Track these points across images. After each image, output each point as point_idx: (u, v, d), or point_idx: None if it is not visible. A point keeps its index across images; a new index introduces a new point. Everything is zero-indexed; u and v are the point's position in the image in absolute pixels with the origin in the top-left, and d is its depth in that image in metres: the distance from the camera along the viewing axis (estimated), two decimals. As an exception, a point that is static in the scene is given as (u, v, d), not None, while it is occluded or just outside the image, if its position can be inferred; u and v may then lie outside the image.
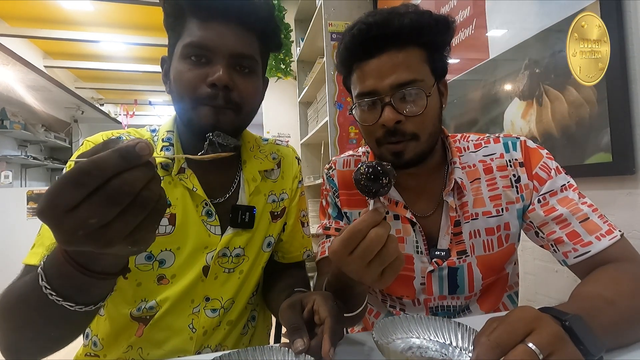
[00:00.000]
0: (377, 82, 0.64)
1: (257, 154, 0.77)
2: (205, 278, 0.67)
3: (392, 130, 0.64)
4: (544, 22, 1.01)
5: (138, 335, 0.65)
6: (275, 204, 0.77)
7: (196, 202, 0.66)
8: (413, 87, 0.63)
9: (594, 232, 0.62)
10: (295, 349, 0.47)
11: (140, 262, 0.63)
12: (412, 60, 0.63)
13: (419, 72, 0.64)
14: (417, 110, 0.63)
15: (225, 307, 0.69)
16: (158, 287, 0.65)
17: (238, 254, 0.70)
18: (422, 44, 0.64)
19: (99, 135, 0.67)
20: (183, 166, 0.66)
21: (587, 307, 0.47)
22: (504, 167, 0.71)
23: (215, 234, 0.67)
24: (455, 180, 0.69)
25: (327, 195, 0.84)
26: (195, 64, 0.61)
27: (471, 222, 0.70)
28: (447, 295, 0.73)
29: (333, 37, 2.07)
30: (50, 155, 6.74)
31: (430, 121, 0.66)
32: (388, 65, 0.63)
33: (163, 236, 0.64)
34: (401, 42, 0.63)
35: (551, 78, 1.01)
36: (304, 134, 2.91)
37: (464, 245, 0.70)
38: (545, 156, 0.69)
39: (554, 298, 1.05)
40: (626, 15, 0.83)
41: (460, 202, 0.70)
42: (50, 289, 0.41)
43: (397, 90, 0.63)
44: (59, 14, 3.45)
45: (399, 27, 0.62)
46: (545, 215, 0.66)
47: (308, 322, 0.52)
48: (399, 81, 0.62)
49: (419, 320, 0.54)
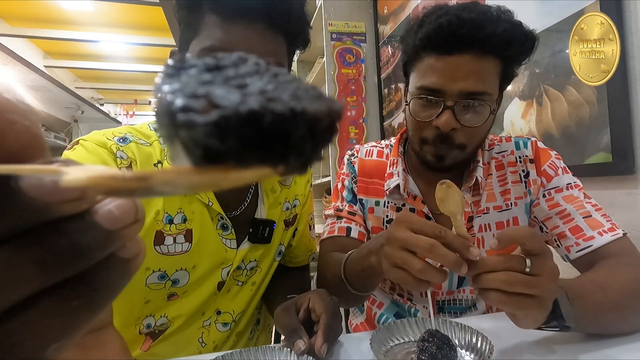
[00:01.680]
0: (447, 83, 0.60)
1: None
2: (218, 292, 0.64)
3: (444, 135, 0.62)
4: (544, 22, 1.01)
5: (144, 350, 0.62)
6: (289, 211, 0.74)
7: (211, 215, 0.62)
8: (481, 99, 0.60)
9: (597, 227, 0.63)
10: (297, 350, 0.47)
11: (153, 282, 0.58)
12: (489, 71, 0.61)
13: (490, 85, 0.61)
14: (475, 123, 0.62)
15: (236, 321, 0.67)
16: (167, 303, 0.61)
17: (252, 267, 0.68)
18: (504, 56, 0.61)
19: (94, 133, 0.58)
20: None
21: (576, 287, 0.49)
22: (514, 163, 0.73)
23: (232, 247, 0.64)
24: (476, 177, 0.69)
25: (344, 179, 0.83)
26: None
27: (483, 216, 0.71)
28: (454, 290, 0.74)
29: (333, 37, 2.07)
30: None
31: (483, 134, 0.66)
32: (464, 70, 0.59)
33: (180, 255, 0.58)
34: (485, 49, 0.59)
35: (551, 78, 1.01)
36: (304, 134, 2.91)
37: (474, 240, 0.71)
38: (554, 156, 0.72)
39: (554, 298, 1.05)
40: (626, 15, 0.83)
41: (474, 199, 0.72)
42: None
43: (464, 98, 0.60)
44: (59, 14, 3.44)
45: (491, 34, 0.57)
46: (549, 209, 0.67)
47: (305, 323, 0.52)
48: (469, 89, 0.60)
49: (418, 324, 0.54)
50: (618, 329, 0.52)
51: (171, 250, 0.58)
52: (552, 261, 0.42)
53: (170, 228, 0.57)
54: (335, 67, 2.05)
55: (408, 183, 0.76)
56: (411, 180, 0.77)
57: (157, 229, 0.56)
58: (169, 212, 0.57)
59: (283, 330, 0.51)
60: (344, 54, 2.08)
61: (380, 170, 0.80)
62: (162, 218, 0.56)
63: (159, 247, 0.57)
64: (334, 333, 0.52)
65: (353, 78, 2.08)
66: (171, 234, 0.57)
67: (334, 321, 0.52)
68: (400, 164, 0.76)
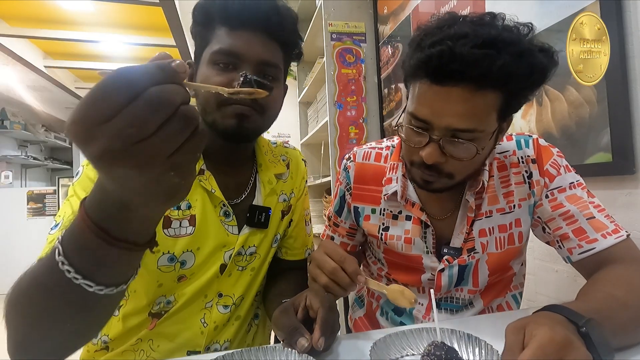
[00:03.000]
0: (435, 116, 0.57)
1: (271, 158, 0.79)
2: (220, 275, 0.69)
3: (430, 165, 0.61)
4: (544, 22, 1.01)
5: (150, 329, 0.66)
6: (285, 202, 0.80)
7: (214, 203, 0.68)
8: (468, 137, 0.57)
9: (600, 229, 0.62)
10: (300, 348, 0.48)
11: (163, 264, 0.64)
12: (482, 108, 0.56)
13: (482, 121, 0.57)
14: (462, 157, 0.59)
15: (236, 304, 0.71)
16: (178, 285, 0.67)
17: (252, 252, 0.73)
18: (504, 90, 0.56)
19: None
20: (202, 167, 0.67)
21: (601, 309, 0.47)
22: (517, 164, 0.71)
23: (233, 233, 0.70)
24: (482, 181, 0.68)
25: (339, 186, 0.84)
26: (223, 69, 0.63)
27: (484, 219, 0.70)
28: (452, 289, 0.74)
29: (333, 37, 2.07)
30: (50, 156, 6.75)
31: (473, 166, 0.63)
32: (453, 104, 0.55)
33: (184, 237, 0.65)
34: (480, 84, 0.54)
35: (551, 78, 1.01)
36: (304, 134, 2.91)
37: (474, 243, 0.70)
38: (556, 154, 0.70)
39: (553, 298, 1.05)
40: (626, 15, 0.83)
41: (477, 203, 0.70)
42: (68, 264, 0.35)
43: (450, 133, 0.57)
44: (59, 14, 3.44)
45: (486, 71, 0.52)
46: (552, 210, 0.66)
47: (304, 322, 0.53)
48: (456, 126, 0.56)
49: (417, 335, 0.52)
50: (636, 342, 0.50)
51: (177, 233, 0.65)
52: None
53: (178, 213, 0.65)
54: (335, 67, 2.05)
55: (407, 189, 0.75)
56: (410, 186, 0.75)
57: (166, 214, 0.63)
58: None
59: (284, 331, 0.52)
60: (344, 54, 2.08)
61: (378, 176, 0.78)
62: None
63: (166, 230, 0.64)
64: (332, 327, 0.52)
65: (353, 78, 2.08)
66: (178, 218, 0.65)
67: (330, 315, 0.53)
68: (400, 169, 0.75)
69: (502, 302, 0.77)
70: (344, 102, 2.06)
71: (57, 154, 6.85)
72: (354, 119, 2.08)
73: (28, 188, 4.70)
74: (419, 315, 0.76)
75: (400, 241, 0.74)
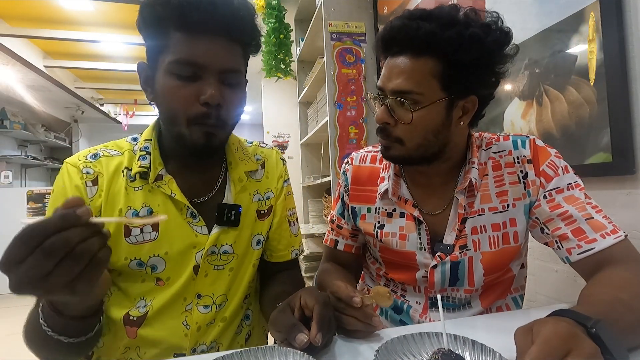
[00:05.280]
0: (385, 82, 0.68)
1: (242, 156, 0.78)
2: (196, 276, 0.68)
3: (381, 128, 0.70)
4: (544, 22, 1.01)
5: (132, 337, 0.66)
6: (261, 202, 0.78)
7: (178, 206, 0.68)
8: (407, 97, 0.65)
9: (599, 230, 0.62)
10: (299, 343, 0.48)
11: (134, 268, 0.66)
12: (419, 71, 0.64)
13: (420, 84, 0.64)
14: (403, 120, 0.66)
15: (217, 304, 0.71)
16: (156, 288, 0.67)
17: (226, 251, 0.71)
18: (438, 57, 0.63)
19: (78, 153, 0.69)
20: (161, 173, 0.67)
21: (607, 312, 0.46)
22: (512, 164, 0.72)
23: (202, 233, 0.69)
24: (470, 179, 0.70)
25: (339, 189, 0.88)
26: (184, 80, 0.60)
27: (476, 217, 0.71)
28: (448, 287, 0.74)
29: (333, 37, 2.07)
30: (50, 155, 6.75)
31: (419, 133, 0.67)
32: (396, 70, 0.66)
33: (149, 243, 0.66)
34: (416, 50, 0.64)
35: (551, 78, 1.01)
36: (304, 134, 2.91)
37: (466, 240, 0.71)
38: (554, 155, 0.71)
39: (553, 298, 1.05)
40: (626, 15, 0.83)
41: (469, 201, 0.71)
42: (46, 326, 0.51)
43: (395, 96, 0.66)
44: (59, 14, 3.44)
45: (413, 36, 0.63)
46: (551, 211, 0.66)
47: (301, 321, 0.53)
48: (397, 88, 0.65)
49: (424, 339, 0.51)
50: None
51: (139, 240, 0.66)
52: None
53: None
54: (335, 67, 2.05)
55: (400, 187, 0.77)
56: (403, 184, 0.77)
57: (125, 224, 0.65)
58: (133, 207, 0.66)
59: (282, 330, 0.52)
60: (344, 53, 2.08)
61: (373, 176, 0.81)
62: (126, 214, 0.65)
63: (128, 239, 0.65)
64: (328, 322, 0.52)
65: (353, 78, 2.08)
66: (138, 226, 0.66)
67: (326, 310, 0.53)
68: (392, 168, 0.78)
69: (503, 305, 0.77)
70: (344, 102, 2.06)
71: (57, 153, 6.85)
72: (354, 118, 2.08)
73: (28, 188, 4.70)
74: (415, 314, 0.77)
75: (395, 238, 0.76)
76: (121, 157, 0.69)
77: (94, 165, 0.67)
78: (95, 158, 0.68)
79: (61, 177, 0.66)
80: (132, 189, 0.66)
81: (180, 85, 0.60)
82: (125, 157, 0.68)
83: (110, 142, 0.73)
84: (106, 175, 0.66)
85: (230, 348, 0.72)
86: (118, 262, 0.65)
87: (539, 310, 0.68)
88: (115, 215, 0.65)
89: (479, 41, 0.61)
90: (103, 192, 0.65)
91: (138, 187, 0.67)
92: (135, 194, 0.66)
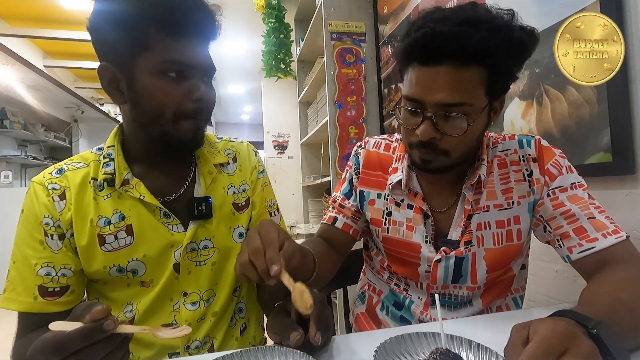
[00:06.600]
0: (425, 94, 0.62)
1: (210, 150, 0.78)
2: (178, 275, 0.69)
3: (426, 142, 0.65)
4: (544, 22, 1.01)
5: None
6: (237, 195, 0.78)
7: (150, 207, 0.68)
8: (459, 110, 0.61)
9: (601, 229, 0.62)
10: (293, 339, 0.48)
11: (115, 275, 0.66)
12: (468, 82, 0.60)
13: (471, 95, 0.61)
14: (455, 132, 0.63)
15: (205, 299, 0.71)
16: (142, 291, 0.68)
17: (206, 246, 0.72)
18: (487, 64, 0.60)
19: (43, 171, 0.69)
20: (127, 177, 0.67)
21: (608, 312, 0.46)
22: (517, 162, 0.73)
23: (179, 231, 0.69)
24: (479, 175, 0.70)
25: (348, 170, 0.87)
26: (175, 79, 0.62)
27: (482, 213, 0.71)
28: (450, 285, 0.74)
29: (333, 37, 2.07)
30: (50, 155, 6.74)
31: (468, 142, 0.66)
32: (441, 82, 0.60)
33: (125, 248, 0.66)
34: (463, 59, 0.59)
35: (551, 78, 1.01)
36: (304, 134, 2.91)
37: (471, 236, 0.71)
38: (558, 154, 0.71)
39: (554, 298, 1.05)
40: (626, 15, 0.83)
41: (475, 197, 0.72)
42: None
43: (441, 109, 0.62)
44: (59, 14, 3.44)
45: (464, 45, 0.57)
46: (554, 209, 0.67)
47: (299, 322, 0.53)
48: (446, 101, 0.61)
49: (422, 339, 0.51)
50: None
51: (115, 246, 0.66)
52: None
53: (109, 228, 0.66)
54: (335, 67, 2.05)
55: (411, 180, 0.77)
56: (415, 177, 0.78)
57: (97, 232, 0.66)
58: (104, 215, 0.66)
59: (278, 332, 0.52)
60: (344, 54, 2.08)
61: (385, 163, 0.82)
62: (97, 223, 0.66)
63: (103, 247, 0.66)
64: (326, 321, 0.53)
65: (353, 78, 2.08)
66: (110, 232, 0.66)
67: (323, 309, 0.53)
68: (406, 161, 0.78)
69: (502, 305, 0.77)
70: (344, 102, 2.06)
71: (56, 153, 6.84)
72: (354, 118, 2.08)
73: (28, 188, 4.70)
74: (416, 310, 0.77)
75: (402, 227, 0.77)
76: (87, 169, 0.69)
77: (59, 181, 0.67)
78: (60, 173, 0.68)
79: (29, 196, 0.67)
80: (101, 197, 0.67)
81: (171, 84, 0.62)
82: (91, 167, 0.69)
83: (75, 156, 0.73)
84: (73, 189, 0.66)
85: (224, 342, 0.73)
86: (97, 271, 0.66)
87: (539, 310, 0.68)
88: (88, 227, 0.65)
89: (525, 45, 0.61)
90: (72, 205, 0.65)
91: (107, 195, 0.67)
92: (105, 202, 0.67)
